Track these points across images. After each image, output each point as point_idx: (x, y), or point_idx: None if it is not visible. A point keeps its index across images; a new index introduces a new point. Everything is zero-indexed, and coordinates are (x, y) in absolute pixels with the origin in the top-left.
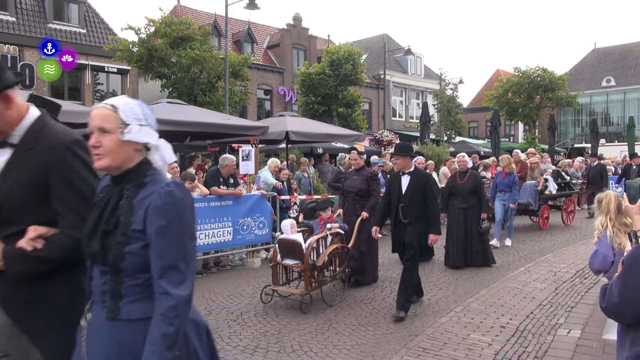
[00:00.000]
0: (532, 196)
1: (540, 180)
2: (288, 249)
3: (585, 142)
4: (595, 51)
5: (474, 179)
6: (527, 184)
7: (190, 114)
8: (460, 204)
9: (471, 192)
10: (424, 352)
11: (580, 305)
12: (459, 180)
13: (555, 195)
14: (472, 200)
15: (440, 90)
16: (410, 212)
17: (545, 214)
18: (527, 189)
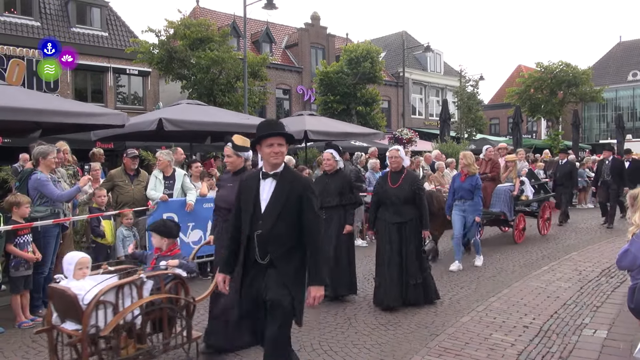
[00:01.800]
0: (507, 203)
1: (516, 182)
2: (63, 305)
3: (610, 138)
4: (621, 44)
5: (411, 183)
6: (500, 188)
7: (210, 115)
8: (392, 217)
9: (407, 201)
10: (445, 352)
11: (606, 304)
12: (391, 184)
13: (532, 201)
14: (409, 211)
15: (461, 87)
16: (272, 245)
17: (521, 224)
18: (500, 195)
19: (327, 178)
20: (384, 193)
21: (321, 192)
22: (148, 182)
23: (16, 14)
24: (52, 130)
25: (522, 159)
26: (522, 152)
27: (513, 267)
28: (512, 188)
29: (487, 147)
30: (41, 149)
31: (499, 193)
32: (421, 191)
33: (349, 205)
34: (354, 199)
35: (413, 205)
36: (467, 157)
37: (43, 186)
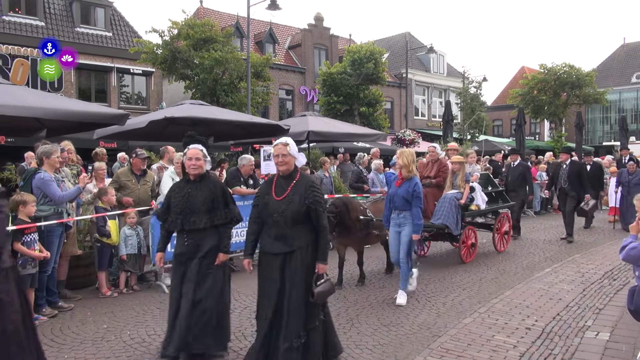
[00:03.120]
0: (451, 214)
1: (465, 189)
2: None
3: (614, 139)
4: (625, 46)
5: (303, 193)
6: (446, 196)
7: (213, 115)
8: (272, 244)
9: (297, 220)
10: (447, 353)
11: (609, 307)
12: (275, 195)
13: (485, 211)
14: (300, 236)
15: (464, 88)
16: None
17: (470, 239)
18: (444, 205)
19: (188, 186)
20: (264, 207)
21: (181, 209)
22: (154, 182)
23: (21, 14)
24: (56, 129)
25: (473, 162)
26: (473, 154)
27: (515, 269)
28: (459, 196)
29: (431, 146)
30: (45, 148)
31: (443, 202)
32: (319, 206)
33: (223, 226)
34: (229, 217)
35: (306, 226)
36: (405, 155)
37: (46, 186)
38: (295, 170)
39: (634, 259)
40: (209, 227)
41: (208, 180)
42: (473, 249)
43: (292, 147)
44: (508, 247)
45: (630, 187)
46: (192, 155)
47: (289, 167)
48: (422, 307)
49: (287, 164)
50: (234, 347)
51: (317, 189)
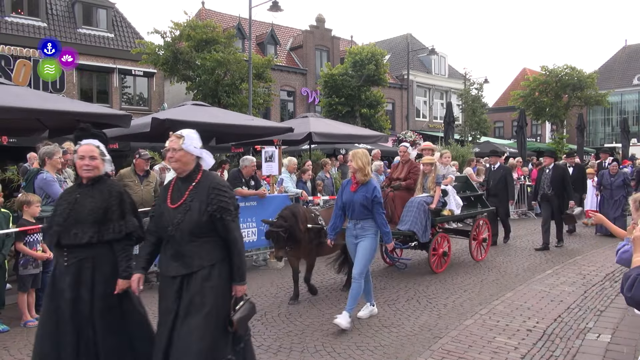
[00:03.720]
0: (419, 220)
1: (436, 193)
2: None
3: (615, 142)
4: (626, 48)
5: (205, 199)
6: (413, 200)
7: (215, 116)
8: (168, 264)
9: (196, 234)
10: (448, 354)
11: (610, 309)
12: (170, 202)
13: (459, 217)
14: (202, 254)
15: (465, 90)
16: None
17: (441, 247)
18: (411, 209)
19: (78, 191)
20: (159, 219)
21: (64, 218)
22: (156, 183)
23: (23, 15)
24: (58, 130)
25: (447, 163)
26: (447, 155)
27: (517, 271)
28: (429, 200)
29: (402, 145)
30: (47, 149)
31: (411, 207)
32: (226, 213)
33: (117, 242)
34: (125, 230)
35: (212, 240)
36: (358, 157)
37: (49, 186)
38: (195, 170)
39: (627, 262)
40: (98, 244)
41: (104, 185)
42: (445, 258)
43: (189, 140)
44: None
45: (613, 189)
46: (85, 154)
47: (182, 166)
48: (423, 308)
49: (179, 161)
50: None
51: (224, 191)
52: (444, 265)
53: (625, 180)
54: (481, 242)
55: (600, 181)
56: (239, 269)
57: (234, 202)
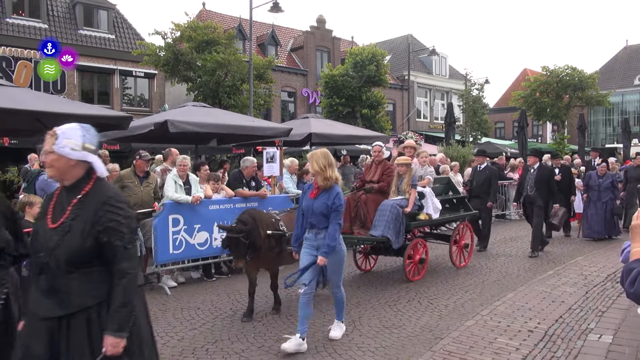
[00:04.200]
0: (393, 225)
1: (411, 196)
2: None
3: (617, 142)
4: (627, 48)
5: (91, 218)
6: (385, 203)
7: (215, 117)
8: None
9: (74, 261)
10: (450, 355)
11: (612, 309)
12: (51, 222)
13: (437, 221)
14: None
15: (466, 90)
16: None
17: (417, 254)
18: (384, 213)
19: None
20: (34, 238)
21: None
22: (156, 184)
23: (24, 16)
24: None
25: (425, 163)
26: (425, 154)
27: (518, 271)
28: (404, 203)
29: (376, 145)
30: None
31: (382, 210)
32: (117, 237)
33: None
34: None
35: (98, 271)
36: (316, 158)
37: (50, 187)
38: (84, 179)
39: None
40: None
41: None
42: (422, 265)
43: (63, 140)
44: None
45: (601, 191)
46: None
47: (60, 174)
48: (424, 309)
49: (52, 167)
50: (236, 348)
51: (118, 208)
52: (421, 272)
53: (613, 182)
54: (463, 248)
55: (587, 182)
56: (118, 316)
57: (129, 223)
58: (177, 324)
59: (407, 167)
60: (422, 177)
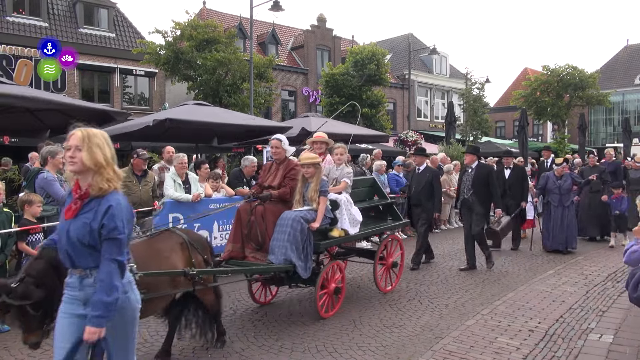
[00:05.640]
0: (297, 246)
1: (320, 206)
2: None
3: (617, 141)
4: (628, 48)
5: None
6: (285, 216)
7: (216, 115)
8: None
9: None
10: (450, 355)
11: (612, 309)
12: None
13: (356, 237)
14: None
15: (466, 89)
16: None
17: (332, 281)
18: (284, 230)
19: None
20: None
21: None
22: (154, 182)
23: (24, 15)
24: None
25: (341, 162)
26: (341, 151)
27: (518, 271)
28: (311, 216)
29: (274, 139)
30: (50, 148)
31: (281, 226)
32: None
33: None
34: None
35: None
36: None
37: (49, 186)
38: None
39: (635, 262)
40: None
41: None
42: (338, 296)
43: None
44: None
45: (562, 194)
46: None
47: None
48: (424, 308)
49: None
50: (236, 347)
51: None
52: (336, 306)
53: (574, 181)
54: (390, 267)
55: (544, 185)
56: None
57: None
58: None
59: (315, 168)
60: (338, 180)
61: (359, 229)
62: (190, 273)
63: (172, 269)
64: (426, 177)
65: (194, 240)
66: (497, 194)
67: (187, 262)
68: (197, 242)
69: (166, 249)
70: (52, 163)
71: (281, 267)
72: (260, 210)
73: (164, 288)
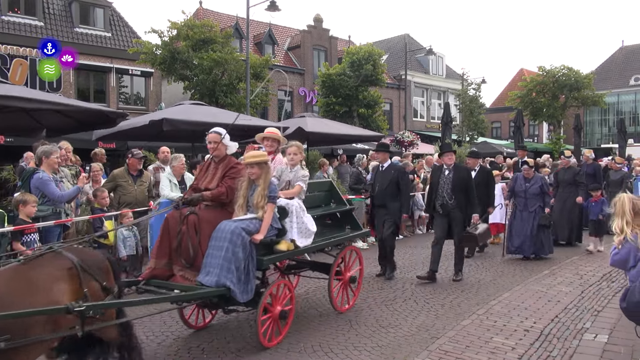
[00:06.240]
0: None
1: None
2: None
3: (612, 142)
4: (623, 49)
5: None
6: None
7: (212, 115)
8: None
9: None
10: (446, 355)
11: (607, 309)
12: None
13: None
14: None
15: (463, 90)
16: None
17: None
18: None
19: None
20: None
21: None
22: (150, 182)
23: (19, 14)
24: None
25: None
26: (294, 150)
27: (514, 271)
28: (253, 226)
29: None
30: (45, 148)
31: (217, 238)
32: None
33: None
34: None
35: None
36: None
37: (45, 185)
38: None
39: (619, 263)
40: None
41: None
42: (285, 319)
43: None
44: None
45: (528, 198)
46: None
47: None
48: (420, 308)
49: None
50: (232, 348)
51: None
52: (282, 331)
53: (543, 186)
54: (348, 283)
55: (512, 187)
56: None
57: None
58: (172, 322)
59: (261, 168)
60: (292, 183)
61: (312, 240)
62: (77, 309)
63: (53, 304)
64: (391, 174)
65: (89, 262)
66: (475, 199)
67: (76, 294)
68: (93, 264)
69: (44, 278)
70: (47, 163)
71: (212, 291)
72: (193, 220)
73: (38, 331)
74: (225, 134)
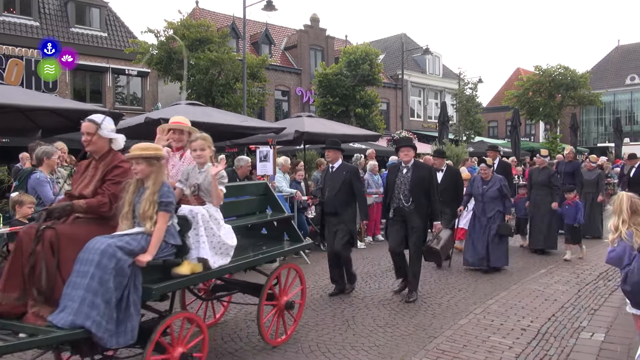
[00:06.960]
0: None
1: (156, 228)
2: None
3: (608, 141)
4: (619, 48)
5: None
6: (92, 245)
7: (209, 115)
8: None
9: None
10: (443, 354)
11: (604, 307)
12: None
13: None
14: None
15: (459, 89)
16: None
17: (179, 344)
18: (85, 269)
19: None
20: None
21: None
22: None
23: (15, 14)
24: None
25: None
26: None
27: (511, 270)
28: (137, 244)
29: (87, 121)
30: (46, 148)
31: (85, 261)
32: None
33: None
34: None
35: None
36: None
37: (41, 186)
38: None
39: (614, 261)
40: None
41: None
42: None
43: None
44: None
45: (485, 201)
46: None
47: None
48: (417, 308)
49: None
50: (229, 348)
51: None
52: None
53: (502, 189)
54: (283, 310)
55: (469, 190)
56: None
57: None
58: None
59: (150, 164)
60: (203, 188)
61: (230, 257)
62: None
63: None
64: (342, 176)
65: None
66: (437, 202)
67: None
68: None
69: None
70: (47, 163)
71: (61, 335)
72: (50, 236)
73: None
74: (103, 121)
